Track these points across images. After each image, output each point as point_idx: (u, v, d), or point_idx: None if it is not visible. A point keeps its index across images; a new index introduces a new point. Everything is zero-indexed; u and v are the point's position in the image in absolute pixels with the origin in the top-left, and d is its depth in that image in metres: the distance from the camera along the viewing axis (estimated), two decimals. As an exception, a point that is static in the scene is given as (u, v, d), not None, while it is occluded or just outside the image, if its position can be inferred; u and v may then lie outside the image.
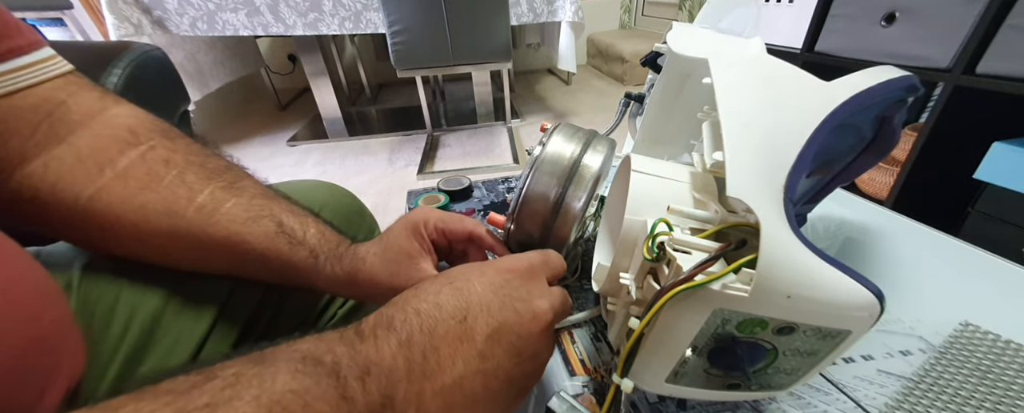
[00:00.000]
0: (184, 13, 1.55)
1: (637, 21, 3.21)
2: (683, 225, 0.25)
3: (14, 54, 0.25)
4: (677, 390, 0.26)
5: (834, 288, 0.20)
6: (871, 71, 0.29)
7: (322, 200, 0.42)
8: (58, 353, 0.23)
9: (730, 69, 0.29)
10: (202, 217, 0.28)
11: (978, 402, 0.29)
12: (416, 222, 0.30)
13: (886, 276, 0.42)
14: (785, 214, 0.22)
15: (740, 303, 0.20)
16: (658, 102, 0.47)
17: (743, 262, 0.20)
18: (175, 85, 0.76)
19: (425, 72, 1.72)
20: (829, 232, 0.49)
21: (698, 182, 0.29)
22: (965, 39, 0.80)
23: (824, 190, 0.37)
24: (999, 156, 0.77)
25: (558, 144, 0.33)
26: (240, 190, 0.30)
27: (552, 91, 2.80)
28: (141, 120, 0.30)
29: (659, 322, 0.22)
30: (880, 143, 0.33)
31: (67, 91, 0.28)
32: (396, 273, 0.29)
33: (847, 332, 0.22)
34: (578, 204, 0.32)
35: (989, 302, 0.38)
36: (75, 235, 0.29)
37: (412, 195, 0.64)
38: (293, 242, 0.30)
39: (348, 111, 2.36)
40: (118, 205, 0.27)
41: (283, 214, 0.31)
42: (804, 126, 0.25)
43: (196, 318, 0.31)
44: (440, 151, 1.92)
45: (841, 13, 1.03)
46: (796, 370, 0.24)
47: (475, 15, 1.57)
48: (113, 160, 0.27)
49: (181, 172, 0.29)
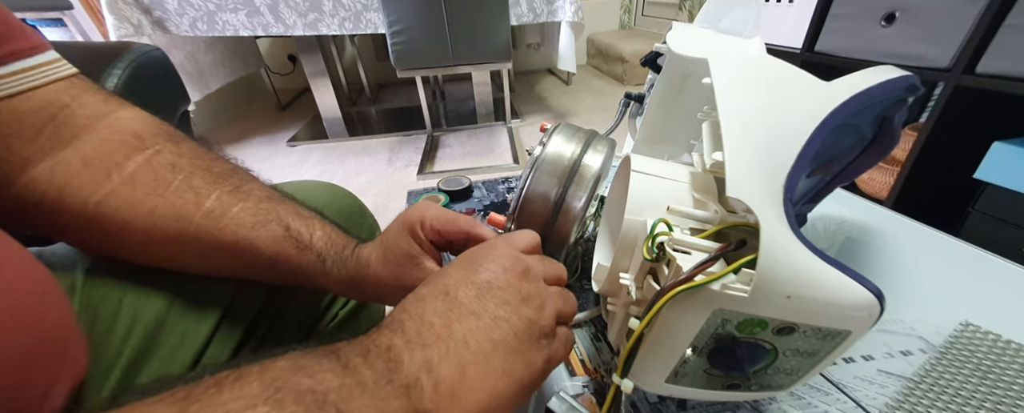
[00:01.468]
0: (184, 13, 1.55)
1: (637, 21, 3.21)
2: (683, 225, 0.25)
3: (17, 57, 0.25)
4: (677, 390, 0.26)
5: (834, 288, 0.20)
6: (871, 71, 0.29)
7: (323, 201, 0.42)
8: (61, 355, 0.23)
9: (730, 69, 0.29)
10: (210, 222, 0.28)
11: (978, 402, 0.29)
12: (412, 223, 0.30)
13: (886, 276, 0.42)
14: (785, 214, 0.22)
15: (740, 303, 0.20)
16: (658, 102, 0.47)
17: (743, 262, 0.20)
18: (175, 85, 0.76)
19: (425, 72, 1.71)
20: (829, 232, 0.49)
21: (698, 182, 0.29)
22: (965, 39, 0.80)
23: (824, 190, 0.37)
24: (999, 156, 0.77)
25: (558, 144, 0.33)
26: (246, 194, 0.30)
27: (552, 91, 2.79)
28: (146, 124, 0.30)
29: (659, 322, 0.22)
30: (880, 143, 0.33)
31: (71, 94, 0.28)
32: (400, 275, 0.29)
33: (847, 332, 0.22)
34: (578, 204, 0.32)
35: (989, 302, 0.38)
36: (82, 239, 0.29)
37: (412, 195, 0.64)
38: (300, 246, 0.30)
39: (348, 111, 2.36)
40: (126, 210, 0.27)
41: (289, 217, 0.31)
42: (804, 126, 0.25)
43: (200, 320, 0.31)
44: (440, 151, 1.92)
45: (841, 13, 1.03)
46: (796, 370, 0.24)
47: (475, 15, 1.57)
48: (120, 165, 0.27)
49: (188, 176, 0.29)
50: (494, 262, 0.24)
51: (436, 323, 0.20)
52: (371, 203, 1.39)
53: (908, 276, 0.42)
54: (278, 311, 0.37)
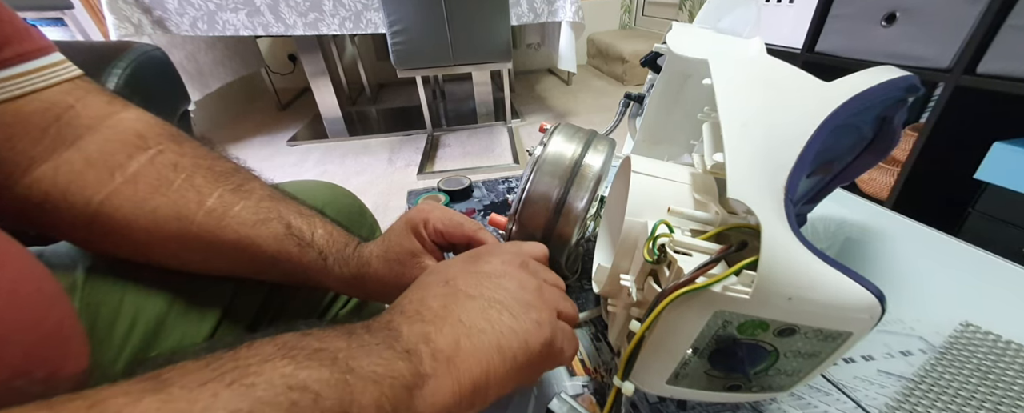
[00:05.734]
0: (184, 13, 1.55)
1: (637, 21, 3.21)
2: (683, 226, 0.25)
3: (23, 59, 0.26)
4: (678, 391, 0.26)
5: (835, 289, 0.20)
6: (871, 71, 0.29)
7: (323, 200, 0.42)
8: (63, 353, 0.23)
9: (730, 70, 0.29)
10: (212, 220, 0.29)
11: (978, 403, 0.29)
12: (416, 222, 0.30)
13: (886, 276, 0.42)
14: (786, 215, 0.22)
15: (741, 305, 0.20)
16: (658, 102, 0.47)
17: (744, 264, 0.20)
18: (175, 85, 0.76)
19: (425, 72, 1.71)
20: (829, 232, 0.49)
21: (698, 183, 0.29)
22: (965, 39, 0.80)
23: (825, 190, 0.37)
24: (999, 156, 0.77)
25: (559, 144, 0.33)
26: (248, 193, 0.31)
27: (552, 91, 2.79)
28: (149, 124, 0.30)
29: (660, 324, 0.22)
30: (881, 143, 0.33)
31: (76, 95, 0.28)
32: (401, 273, 0.30)
33: (848, 333, 0.22)
34: (580, 204, 0.32)
35: (989, 302, 0.38)
36: (85, 238, 0.29)
37: (412, 195, 0.64)
38: (302, 244, 0.30)
39: (348, 111, 2.36)
40: (129, 209, 0.27)
41: (291, 215, 0.31)
42: (804, 127, 0.25)
43: (200, 319, 0.32)
44: (440, 151, 1.92)
45: (841, 13, 1.02)
46: (797, 371, 0.24)
47: (475, 15, 1.57)
48: (123, 165, 0.28)
49: (190, 176, 0.29)
50: (495, 256, 0.25)
51: (434, 305, 0.22)
52: (371, 203, 1.39)
53: (908, 276, 0.42)
54: (278, 310, 0.37)
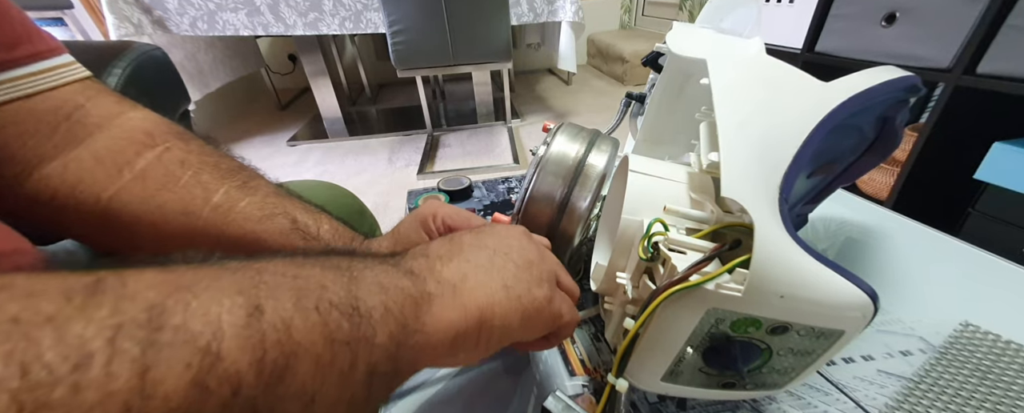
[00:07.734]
0: (184, 13, 1.55)
1: (637, 21, 3.21)
2: (679, 225, 0.25)
3: (37, 58, 0.26)
4: (673, 389, 0.26)
5: (827, 288, 0.20)
6: (871, 71, 0.29)
7: (323, 200, 0.42)
8: None
9: (728, 70, 0.29)
10: (218, 216, 0.29)
11: (978, 402, 0.29)
12: (425, 216, 0.31)
13: (886, 276, 0.42)
14: (780, 214, 0.22)
15: (734, 303, 0.20)
16: (659, 102, 0.46)
17: (737, 262, 0.20)
18: (175, 85, 0.76)
19: (425, 72, 1.71)
20: (829, 232, 0.49)
21: (695, 182, 0.29)
22: (965, 39, 0.80)
23: (826, 190, 0.37)
24: (999, 156, 0.77)
25: (562, 144, 0.33)
26: (253, 189, 0.31)
27: (552, 91, 2.79)
28: (156, 123, 0.31)
29: (654, 322, 0.22)
30: (882, 143, 0.32)
31: (85, 95, 0.28)
32: None
33: (841, 332, 0.22)
34: (583, 204, 0.32)
35: (989, 302, 0.37)
36: (92, 235, 0.30)
37: (412, 195, 0.64)
38: (308, 238, 0.31)
39: (348, 111, 2.36)
40: (137, 205, 0.28)
41: (297, 211, 0.31)
42: (801, 127, 0.25)
43: None
44: (440, 151, 1.92)
45: (841, 13, 1.02)
46: (791, 369, 0.24)
47: (475, 15, 1.57)
48: (131, 161, 0.28)
49: (196, 172, 0.30)
50: (499, 229, 0.27)
51: (440, 250, 0.23)
52: (371, 203, 1.39)
53: (908, 276, 0.42)
54: None
